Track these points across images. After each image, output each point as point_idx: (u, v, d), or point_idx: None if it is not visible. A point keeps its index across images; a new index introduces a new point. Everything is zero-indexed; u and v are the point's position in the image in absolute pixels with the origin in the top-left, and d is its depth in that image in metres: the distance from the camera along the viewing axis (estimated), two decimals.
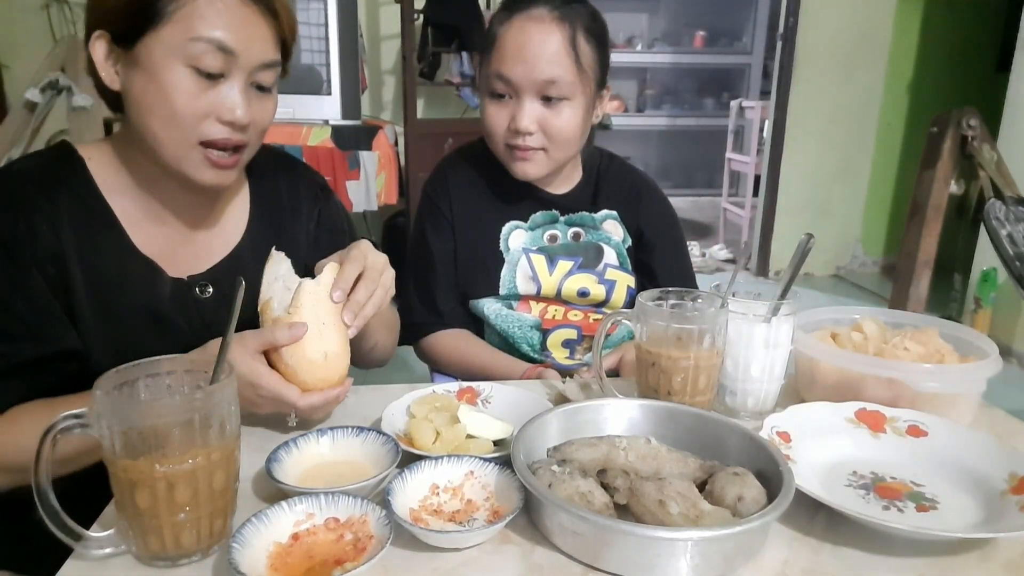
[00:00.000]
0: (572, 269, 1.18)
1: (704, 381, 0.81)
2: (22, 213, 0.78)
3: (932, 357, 0.87)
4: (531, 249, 1.18)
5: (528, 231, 1.19)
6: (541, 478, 0.62)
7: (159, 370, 0.60)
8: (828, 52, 4.19)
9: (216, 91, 0.77)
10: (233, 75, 0.77)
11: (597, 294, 1.18)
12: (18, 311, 0.77)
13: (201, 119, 0.77)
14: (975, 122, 2.07)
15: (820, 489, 0.65)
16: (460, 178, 1.21)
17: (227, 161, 0.80)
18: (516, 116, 1.06)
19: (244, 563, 0.52)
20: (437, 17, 3.34)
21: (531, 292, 1.17)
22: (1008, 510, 0.64)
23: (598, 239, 1.21)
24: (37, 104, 2.30)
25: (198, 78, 0.76)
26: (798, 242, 0.82)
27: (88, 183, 0.83)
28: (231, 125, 0.78)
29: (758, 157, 4.66)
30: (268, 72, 0.81)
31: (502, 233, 1.18)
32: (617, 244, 1.22)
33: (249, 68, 0.78)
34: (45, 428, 0.54)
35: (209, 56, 0.75)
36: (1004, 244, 2.04)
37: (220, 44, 0.75)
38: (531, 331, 1.18)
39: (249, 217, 0.95)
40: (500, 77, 1.05)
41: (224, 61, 0.76)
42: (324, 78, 2.94)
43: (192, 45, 0.74)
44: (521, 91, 1.05)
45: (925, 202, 2.15)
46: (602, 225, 1.22)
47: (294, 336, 0.74)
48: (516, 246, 1.18)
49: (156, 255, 0.85)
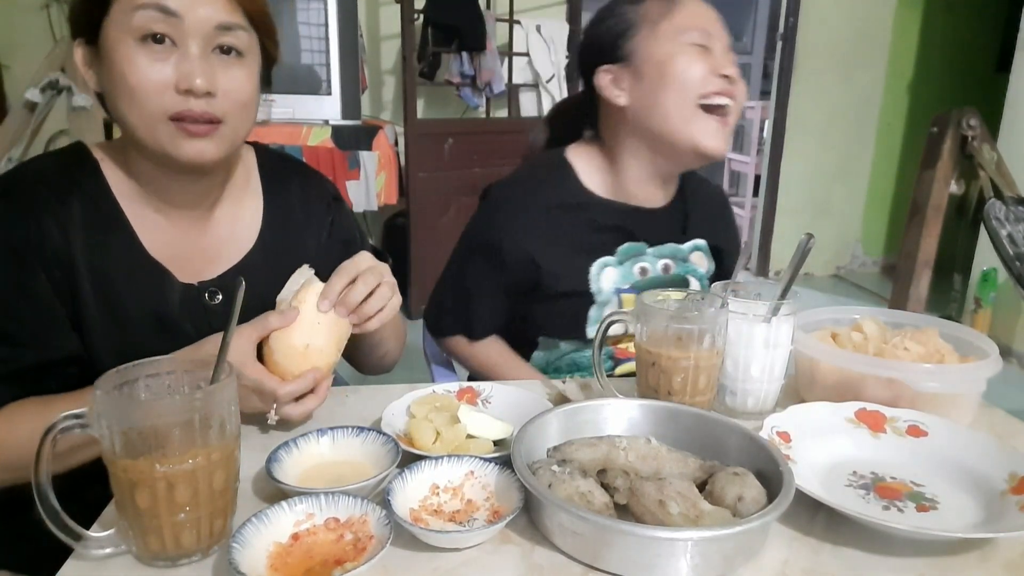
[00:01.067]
0: None
1: (704, 381, 0.81)
2: (33, 216, 0.77)
3: (932, 357, 0.87)
4: (623, 288, 1.09)
5: (617, 266, 1.10)
6: (541, 478, 0.62)
7: (159, 370, 0.60)
8: (828, 52, 4.19)
9: (170, 61, 0.75)
10: (186, 41, 0.75)
11: None
12: (22, 316, 0.77)
13: (161, 91, 0.75)
14: (975, 122, 2.07)
15: (820, 489, 0.65)
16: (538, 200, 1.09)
17: (201, 129, 0.77)
18: (721, 62, 1.01)
19: (244, 563, 0.52)
20: (437, 17, 3.34)
21: (618, 333, 1.08)
22: (1008, 510, 0.64)
23: (686, 271, 1.15)
24: (37, 104, 2.30)
25: (150, 49, 0.75)
26: (798, 242, 0.82)
27: (101, 186, 0.83)
28: (190, 92, 0.76)
29: (758, 157, 4.66)
30: (228, 36, 0.78)
31: (592, 272, 1.08)
32: (702, 276, 1.17)
33: (202, 32, 0.76)
34: (45, 428, 0.54)
35: (155, 24, 0.74)
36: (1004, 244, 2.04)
37: (162, 6, 0.74)
38: (605, 361, 1.11)
39: (261, 224, 0.94)
40: (702, 29, 1.01)
41: (170, 25, 0.74)
42: (324, 78, 2.94)
43: (137, 15, 0.73)
44: (715, 43, 1.02)
45: (925, 202, 2.15)
46: (690, 257, 1.16)
47: (285, 320, 0.76)
48: (608, 287, 1.09)
49: (166, 260, 0.85)
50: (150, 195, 0.85)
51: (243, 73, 0.80)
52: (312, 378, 0.77)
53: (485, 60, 3.51)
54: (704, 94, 1.00)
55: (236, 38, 0.79)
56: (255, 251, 0.92)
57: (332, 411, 0.86)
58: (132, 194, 0.84)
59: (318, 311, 0.78)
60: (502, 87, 3.64)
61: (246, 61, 0.81)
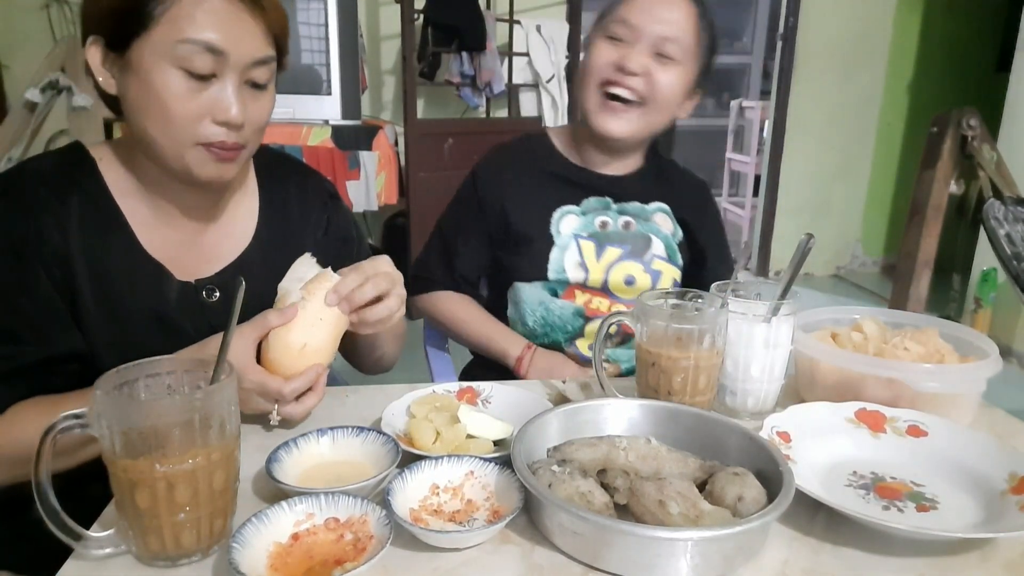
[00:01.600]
0: (620, 257, 1.19)
1: (704, 381, 0.81)
2: (31, 214, 0.78)
3: (932, 357, 0.87)
4: (582, 235, 1.19)
5: (580, 216, 1.20)
6: (541, 478, 0.62)
7: (159, 370, 0.60)
8: (828, 52, 4.19)
9: (208, 92, 0.76)
10: (225, 75, 0.76)
11: (643, 283, 1.20)
12: (24, 313, 0.77)
13: (196, 120, 0.77)
14: (975, 122, 2.07)
15: (820, 489, 0.65)
16: (516, 160, 1.24)
17: (227, 155, 0.80)
18: (627, 55, 1.09)
19: (244, 563, 0.52)
20: (437, 17, 3.34)
21: (579, 279, 1.18)
22: (1008, 510, 0.64)
23: (648, 230, 1.22)
24: (37, 104, 2.30)
25: (189, 80, 0.75)
26: (798, 242, 0.82)
27: (99, 185, 0.83)
28: (226, 125, 0.78)
29: (758, 157, 4.66)
30: (262, 69, 0.80)
31: (553, 217, 1.19)
32: (666, 237, 1.23)
33: (241, 66, 0.77)
34: (45, 427, 0.54)
35: (198, 57, 0.74)
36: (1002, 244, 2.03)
37: (208, 45, 0.74)
38: (573, 318, 1.19)
39: (258, 222, 0.94)
40: (624, 22, 1.10)
41: (214, 62, 0.75)
42: (324, 78, 2.94)
43: (180, 47, 0.73)
44: (639, 39, 1.09)
45: (925, 202, 2.15)
46: (652, 217, 1.23)
47: (284, 317, 0.76)
48: (567, 231, 1.19)
49: (164, 258, 0.85)
50: (150, 195, 0.85)
51: (267, 100, 0.83)
52: (314, 375, 0.78)
53: (485, 60, 3.50)
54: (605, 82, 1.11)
55: (267, 71, 0.81)
56: (252, 249, 0.92)
57: (332, 411, 0.86)
58: (130, 193, 0.84)
59: (325, 303, 0.78)
60: (502, 87, 3.64)
61: (269, 88, 0.83)
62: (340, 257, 0.85)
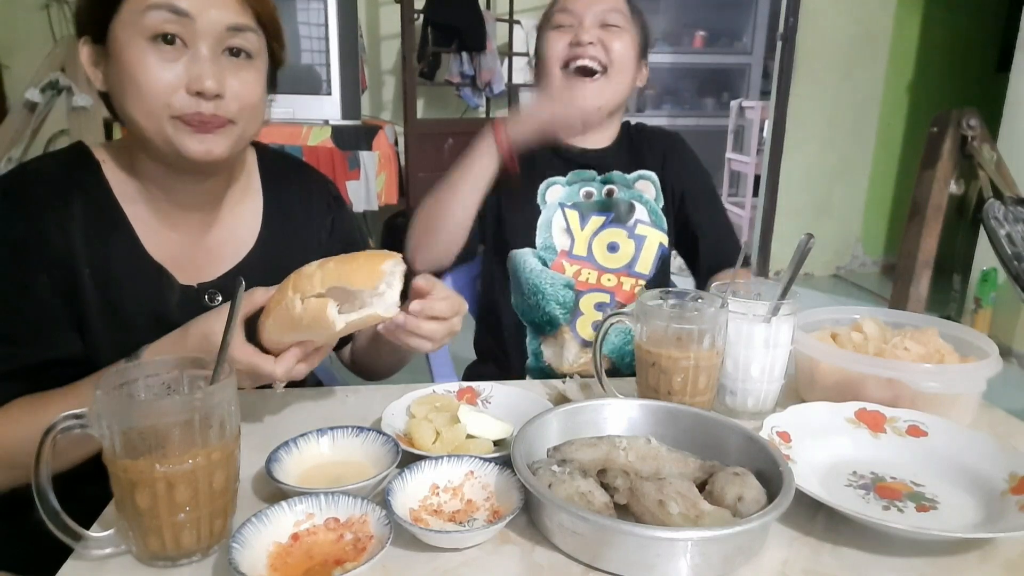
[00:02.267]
0: (604, 224, 1.23)
1: (704, 381, 0.81)
2: (33, 216, 0.77)
3: (932, 357, 0.87)
4: (566, 204, 1.24)
5: (565, 186, 1.25)
6: (541, 478, 0.62)
7: (159, 370, 0.60)
8: (828, 52, 4.19)
9: (181, 62, 0.75)
10: (196, 42, 0.75)
11: (627, 249, 1.23)
12: (23, 315, 0.77)
13: (170, 92, 0.75)
14: (975, 122, 2.07)
15: (820, 489, 0.65)
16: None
17: (207, 127, 0.77)
18: (578, 33, 1.18)
19: (244, 563, 0.52)
20: (437, 17, 3.34)
21: (566, 246, 1.22)
22: (1008, 510, 0.64)
23: (631, 197, 1.26)
24: (37, 104, 2.30)
25: (161, 49, 0.74)
26: (798, 242, 0.82)
27: (103, 187, 0.83)
28: (200, 95, 0.76)
29: (758, 157, 4.66)
30: (238, 37, 0.78)
31: (540, 187, 1.24)
32: (649, 202, 1.27)
33: (213, 34, 0.76)
34: (40, 426, 0.54)
35: (167, 24, 0.74)
36: (1002, 244, 2.03)
37: (174, 7, 0.74)
38: (563, 290, 1.22)
39: (261, 225, 0.94)
40: (566, 10, 1.20)
41: (182, 26, 0.74)
42: (324, 78, 2.94)
43: (148, 15, 0.73)
44: (583, 18, 1.19)
45: (925, 202, 2.15)
46: (635, 184, 1.27)
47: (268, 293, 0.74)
48: (553, 200, 1.24)
49: (167, 261, 0.85)
50: (153, 196, 0.85)
51: (252, 75, 0.81)
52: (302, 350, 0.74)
53: (485, 60, 3.51)
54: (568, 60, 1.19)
55: (246, 40, 0.79)
56: (254, 252, 0.92)
57: (332, 411, 0.86)
58: (134, 195, 0.84)
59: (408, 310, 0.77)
60: (502, 87, 3.64)
61: (255, 63, 0.81)
62: None
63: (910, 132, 4.43)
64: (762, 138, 4.63)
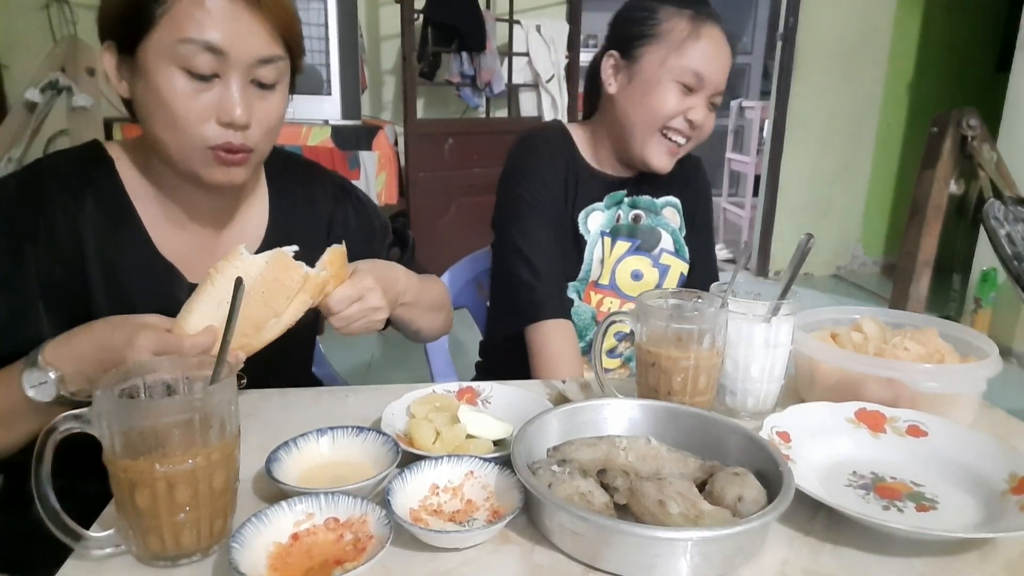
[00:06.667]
0: (628, 251, 1.20)
1: (704, 381, 0.81)
2: (41, 210, 0.78)
3: (932, 357, 0.87)
4: (605, 231, 1.20)
5: (604, 211, 1.21)
6: (541, 478, 0.62)
7: (159, 370, 0.60)
8: (828, 52, 4.19)
9: (212, 92, 0.76)
10: (228, 74, 0.76)
11: (650, 278, 1.21)
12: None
13: (201, 121, 0.76)
14: (975, 122, 2.07)
15: (820, 489, 0.65)
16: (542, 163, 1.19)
17: (235, 159, 0.79)
18: (694, 108, 1.12)
19: (244, 563, 0.52)
20: (437, 17, 3.34)
21: (596, 275, 1.19)
22: (1008, 510, 0.64)
23: (657, 224, 1.24)
24: (37, 104, 2.30)
25: (192, 80, 0.75)
26: (798, 242, 0.82)
27: (116, 184, 0.83)
28: (230, 126, 0.77)
29: (758, 157, 4.66)
30: (267, 68, 0.79)
31: (580, 216, 1.19)
32: (674, 231, 1.25)
33: (244, 66, 0.76)
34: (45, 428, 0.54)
35: (199, 57, 0.74)
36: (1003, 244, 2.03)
37: (208, 44, 0.74)
38: (590, 322, 1.19)
39: (268, 224, 0.95)
40: (696, 73, 1.10)
41: (215, 61, 0.75)
42: (324, 78, 2.94)
43: (181, 47, 0.73)
44: (703, 88, 1.12)
45: (925, 202, 2.15)
46: (662, 211, 1.25)
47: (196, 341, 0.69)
48: (595, 229, 1.19)
49: (176, 259, 0.85)
50: (164, 197, 0.86)
51: (276, 101, 0.82)
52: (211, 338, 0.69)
53: (485, 60, 3.51)
54: (666, 127, 1.13)
55: (275, 69, 0.80)
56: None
57: (332, 411, 0.86)
58: (145, 194, 0.85)
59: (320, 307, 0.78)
60: (502, 87, 3.64)
61: (279, 88, 0.82)
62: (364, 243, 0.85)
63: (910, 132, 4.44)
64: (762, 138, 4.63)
